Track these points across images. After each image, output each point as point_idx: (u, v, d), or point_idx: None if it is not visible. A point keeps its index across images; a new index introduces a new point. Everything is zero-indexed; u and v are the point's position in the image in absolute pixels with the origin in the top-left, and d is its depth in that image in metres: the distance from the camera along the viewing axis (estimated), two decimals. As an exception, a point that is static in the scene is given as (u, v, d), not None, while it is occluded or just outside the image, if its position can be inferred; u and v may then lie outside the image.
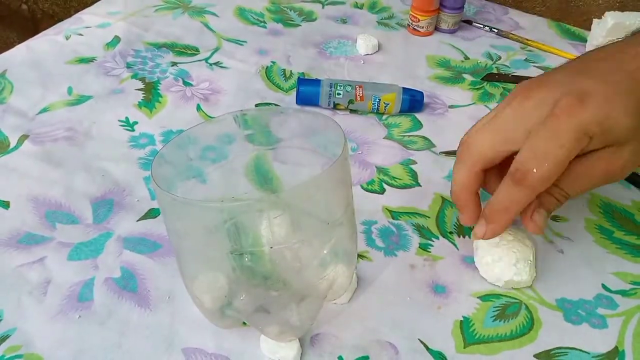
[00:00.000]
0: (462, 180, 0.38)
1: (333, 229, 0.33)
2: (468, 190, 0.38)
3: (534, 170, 0.33)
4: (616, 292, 0.40)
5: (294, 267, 0.32)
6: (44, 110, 0.53)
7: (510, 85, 0.60)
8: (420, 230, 0.44)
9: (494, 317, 0.38)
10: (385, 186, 0.47)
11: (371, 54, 0.64)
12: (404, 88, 0.55)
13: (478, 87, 0.60)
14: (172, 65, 0.60)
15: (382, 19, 0.71)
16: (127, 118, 0.53)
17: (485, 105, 0.57)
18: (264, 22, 0.69)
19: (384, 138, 0.52)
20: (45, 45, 0.62)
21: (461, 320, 0.38)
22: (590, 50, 0.38)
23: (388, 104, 0.54)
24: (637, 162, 0.35)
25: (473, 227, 0.39)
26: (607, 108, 0.32)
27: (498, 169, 0.38)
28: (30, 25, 1.19)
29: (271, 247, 0.32)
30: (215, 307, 0.34)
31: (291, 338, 0.35)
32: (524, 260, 0.39)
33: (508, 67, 0.63)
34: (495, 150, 0.36)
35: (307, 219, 0.32)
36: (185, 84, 0.58)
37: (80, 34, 0.64)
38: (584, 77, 0.34)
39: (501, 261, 0.39)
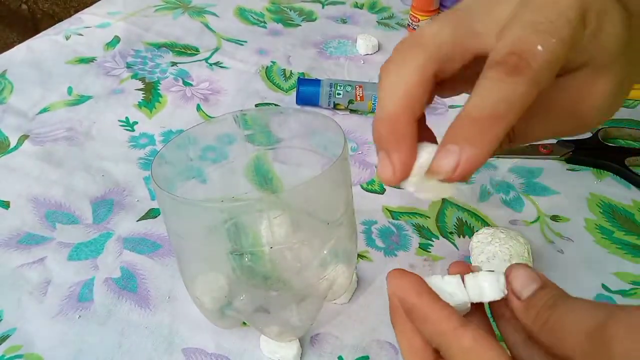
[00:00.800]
0: (406, 87, 0.24)
1: (333, 229, 0.33)
2: (413, 108, 0.24)
3: (539, 47, 0.22)
4: (616, 292, 0.40)
5: (294, 267, 0.32)
6: (44, 110, 0.53)
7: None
8: (420, 230, 0.44)
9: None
10: (385, 186, 0.47)
11: (371, 54, 0.64)
12: (404, 88, 0.55)
13: (478, 87, 0.60)
14: (172, 65, 0.60)
15: (382, 19, 0.71)
16: (127, 118, 0.53)
17: (486, 105, 0.57)
18: (264, 22, 0.69)
19: (384, 138, 0.52)
20: (45, 45, 0.62)
21: (461, 321, 0.38)
22: None
23: (388, 104, 0.54)
24: (616, 102, 0.26)
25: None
26: (607, 4, 0.24)
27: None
28: (30, 25, 1.19)
29: (271, 247, 0.32)
30: (215, 307, 0.34)
31: (291, 338, 0.35)
32: (518, 257, 0.39)
33: (508, 67, 0.63)
34: (456, 44, 0.24)
35: (307, 219, 0.32)
36: (185, 84, 0.58)
37: (80, 34, 0.64)
38: None
39: (495, 258, 0.39)
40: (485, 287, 0.24)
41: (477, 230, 0.43)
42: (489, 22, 0.24)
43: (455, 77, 0.25)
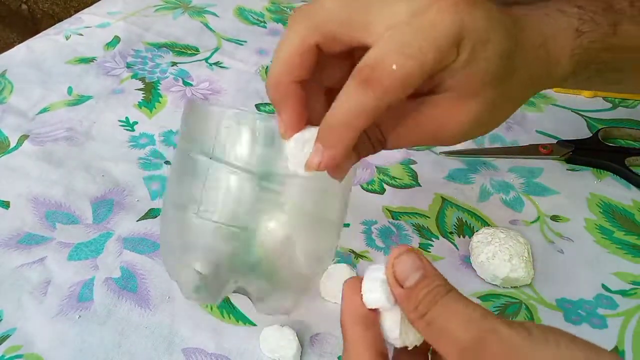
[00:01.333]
0: (287, 53, 0.26)
1: (329, 226, 0.33)
2: (292, 72, 0.26)
3: (393, 66, 0.24)
4: (616, 292, 0.40)
5: (283, 257, 0.32)
6: (44, 110, 0.53)
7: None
8: (420, 230, 0.44)
9: (494, 317, 0.38)
10: (385, 186, 0.47)
11: (371, 53, 0.64)
12: (404, 88, 0.55)
13: (478, 87, 0.60)
14: (172, 65, 0.60)
15: (382, 19, 0.71)
16: (127, 118, 0.53)
17: (486, 105, 0.57)
18: (264, 22, 0.69)
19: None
20: (45, 45, 0.62)
21: (461, 320, 0.38)
22: None
23: (388, 104, 0.54)
24: (477, 129, 0.29)
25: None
26: (489, 27, 0.25)
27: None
28: (30, 25, 1.19)
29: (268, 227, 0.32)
30: (193, 287, 0.34)
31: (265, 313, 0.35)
32: (518, 256, 0.39)
33: (508, 67, 0.63)
34: (343, 25, 0.25)
35: (304, 217, 0.32)
36: (185, 84, 0.58)
37: (80, 34, 0.64)
38: None
39: (495, 258, 0.39)
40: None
41: (477, 230, 0.43)
42: (381, 18, 0.25)
43: (342, 56, 0.27)
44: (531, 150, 0.51)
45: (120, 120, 0.53)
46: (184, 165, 0.33)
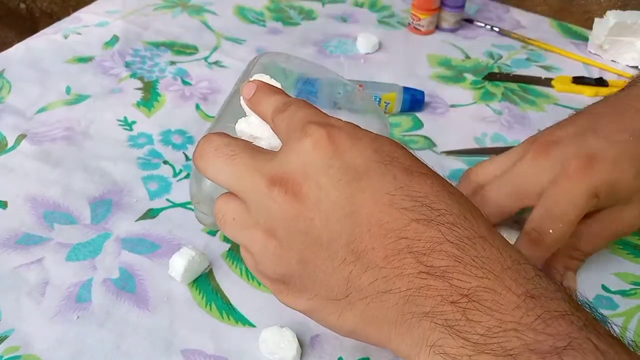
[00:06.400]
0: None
1: None
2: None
3: (551, 231, 0.35)
4: (616, 293, 0.40)
5: None
6: (42, 109, 0.53)
7: (512, 85, 0.60)
8: (421, 230, 0.43)
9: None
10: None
11: (371, 53, 0.64)
12: (404, 87, 0.55)
13: (479, 86, 0.59)
14: (171, 64, 0.60)
15: (382, 18, 0.70)
16: (125, 117, 0.53)
17: (487, 105, 0.57)
18: (264, 21, 0.68)
19: (384, 137, 0.52)
20: (43, 44, 0.62)
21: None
22: (596, 103, 0.41)
23: (389, 104, 0.54)
24: None
25: None
26: (616, 172, 0.35)
27: None
28: (29, 24, 1.19)
29: None
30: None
31: None
32: None
33: (509, 66, 0.63)
34: (512, 206, 0.38)
35: None
36: (184, 83, 0.57)
37: (79, 33, 0.63)
38: (592, 136, 0.37)
39: None
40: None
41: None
42: (535, 189, 0.37)
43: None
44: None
45: (118, 120, 0.52)
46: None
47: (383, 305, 0.24)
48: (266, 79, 0.32)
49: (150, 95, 0.55)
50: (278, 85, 0.32)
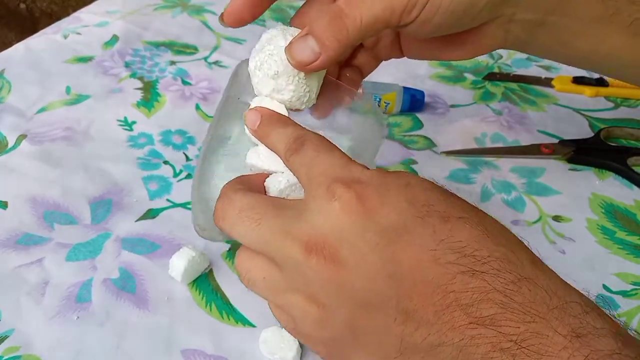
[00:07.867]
0: None
1: None
2: None
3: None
4: (617, 293, 0.40)
5: None
6: (42, 109, 0.53)
7: (512, 85, 0.60)
8: (421, 230, 0.43)
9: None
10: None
11: (371, 53, 0.64)
12: (404, 87, 0.55)
13: (479, 86, 0.59)
14: (171, 64, 0.60)
15: (382, 18, 0.70)
16: (125, 117, 0.53)
17: (487, 105, 0.57)
18: (264, 21, 0.68)
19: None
20: (43, 44, 0.62)
21: (462, 322, 0.37)
22: None
23: (389, 104, 0.54)
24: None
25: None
26: None
27: None
28: (29, 24, 1.19)
29: None
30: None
31: None
32: None
33: (509, 66, 0.63)
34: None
35: None
36: (184, 83, 0.57)
37: (79, 33, 0.63)
38: None
39: None
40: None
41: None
42: None
43: None
44: (533, 150, 0.51)
45: (118, 120, 0.52)
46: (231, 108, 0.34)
47: (438, 357, 0.24)
48: (267, 102, 0.30)
49: (150, 95, 0.55)
50: (282, 109, 0.30)
